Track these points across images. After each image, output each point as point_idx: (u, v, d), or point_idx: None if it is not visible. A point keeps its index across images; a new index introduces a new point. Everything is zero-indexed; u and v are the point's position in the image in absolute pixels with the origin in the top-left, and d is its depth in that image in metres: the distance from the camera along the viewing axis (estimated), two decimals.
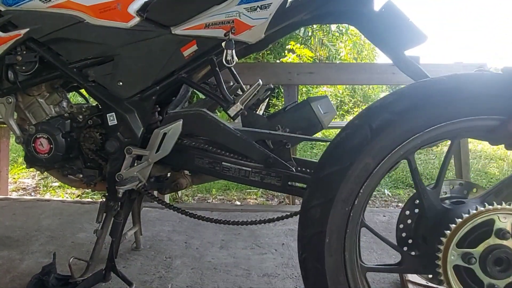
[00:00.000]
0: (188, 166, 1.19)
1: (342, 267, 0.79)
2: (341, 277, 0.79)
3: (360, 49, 6.79)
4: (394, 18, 1.08)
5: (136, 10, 1.13)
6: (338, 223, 0.78)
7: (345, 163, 0.78)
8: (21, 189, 2.85)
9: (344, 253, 0.79)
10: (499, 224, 0.72)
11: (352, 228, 0.78)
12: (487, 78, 0.77)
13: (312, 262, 0.81)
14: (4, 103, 1.20)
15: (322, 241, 0.78)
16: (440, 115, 0.76)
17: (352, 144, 0.79)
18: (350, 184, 0.77)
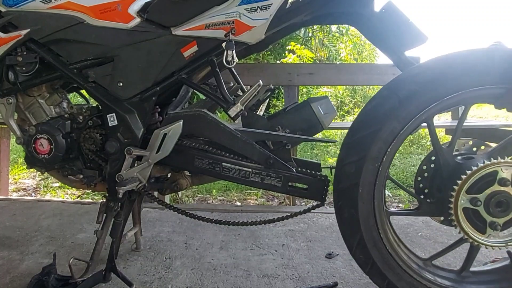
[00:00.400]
0: (188, 166, 1.19)
1: (372, 212, 0.96)
2: (371, 220, 0.96)
3: (361, 49, 6.79)
4: (395, 19, 1.08)
5: (137, 11, 1.13)
6: (369, 177, 0.94)
7: (376, 127, 0.93)
8: (22, 189, 2.85)
9: (374, 201, 0.96)
10: (502, 174, 0.90)
11: (380, 180, 0.95)
12: (499, 53, 0.90)
13: (347, 209, 0.99)
14: (4, 103, 1.20)
15: (356, 191, 0.95)
16: (457, 85, 0.90)
17: (382, 111, 0.93)
18: (379, 144, 0.92)
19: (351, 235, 1.01)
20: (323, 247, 1.64)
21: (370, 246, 0.99)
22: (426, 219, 1.83)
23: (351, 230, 1.01)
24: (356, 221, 0.98)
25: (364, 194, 0.96)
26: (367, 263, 1.01)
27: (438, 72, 0.91)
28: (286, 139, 1.14)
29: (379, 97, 0.95)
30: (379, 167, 0.94)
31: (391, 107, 0.92)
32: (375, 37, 1.14)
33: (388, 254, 0.99)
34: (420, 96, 0.91)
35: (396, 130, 0.92)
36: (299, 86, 3.33)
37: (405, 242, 1.09)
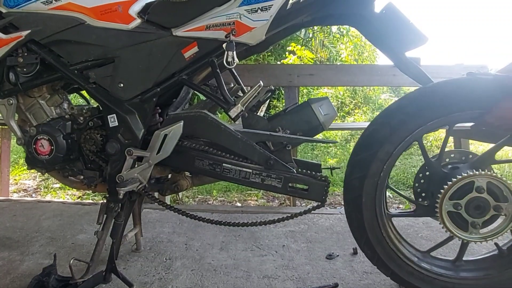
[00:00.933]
0: (188, 167, 1.19)
1: (375, 217, 1.14)
2: (374, 223, 1.14)
3: (361, 50, 6.79)
4: (395, 20, 1.08)
5: (137, 12, 1.13)
6: (370, 189, 1.12)
7: (374, 149, 1.10)
8: (22, 190, 2.85)
9: (375, 208, 1.13)
10: (477, 184, 1.06)
11: (380, 191, 1.12)
12: (472, 82, 1.06)
13: (355, 214, 1.16)
14: (5, 104, 1.20)
15: (360, 200, 1.13)
16: (438, 112, 1.07)
17: (377, 136, 1.11)
18: (377, 163, 1.10)
19: (359, 235, 1.18)
20: (324, 248, 1.64)
21: (375, 243, 1.15)
22: (427, 220, 1.83)
23: (359, 231, 1.17)
24: (362, 224, 1.15)
25: (367, 203, 1.13)
26: (373, 257, 1.18)
27: (422, 102, 1.07)
28: (287, 140, 1.14)
29: (375, 124, 1.12)
30: (377, 181, 1.11)
31: (385, 133, 1.10)
32: (375, 38, 1.14)
33: (390, 249, 1.15)
34: (407, 123, 1.08)
35: (390, 151, 1.10)
36: (300, 87, 3.33)
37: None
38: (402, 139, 1.09)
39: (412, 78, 1.14)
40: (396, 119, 1.09)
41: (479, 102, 1.04)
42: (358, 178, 1.12)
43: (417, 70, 1.13)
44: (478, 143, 3.63)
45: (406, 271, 1.15)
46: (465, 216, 1.07)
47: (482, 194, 1.05)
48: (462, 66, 2.50)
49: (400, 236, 1.20)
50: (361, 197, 1.12)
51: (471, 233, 1.08)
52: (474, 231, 1.08)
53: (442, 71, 2.42)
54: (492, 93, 1.02)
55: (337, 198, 2.71)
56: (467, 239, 1.10)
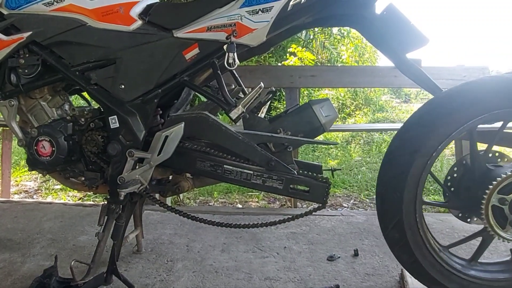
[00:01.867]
0: (189, 169, 1.19)
1: (414, 198, 1.10)
2: (411, 206, 1.10)
3: (362, 52, 6.79)
4: (396, 21, 1.08)
5: (138, 13, 1.13)
6: (418, 168, 1.08)
7: (431, 128, 1.07)
8: (23, 191, 2.85)
9: (417, 190, 1.09)
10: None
11: (426, 172, 1.09)
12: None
13: (392, 193, 1.11)
14: (6, 105, 1.20)
15: (404, 179, 1.08)
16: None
17: (435, 116, 1.07)
18: (432, 141, 1.06)
19: (390, 217, 1.13)
20: (325, 249, 1.63)
21: (407, 227, 1.11)
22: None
23: (392, 211, 1.12)
24: (398, 204, 1.10)
25: (410, 183, 1.09)
26: (399, 241, 1.13)
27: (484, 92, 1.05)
28: (288, 141, 1.13)
29: (433, 103, 1.10)
30: (427, 161, 1.07)
31: (443, 113, 1.06)
32: (376, 39, 1.14)
33: (419, 236, 1.12)
34: (466, 109, 1.05)
35: (447, 133, 1.06)
36: (301, 89, 3.33)
37: None
38: (461, 124, 1.05)
39: (412, 79, 1.13)
40: (457, 102, 1.05)
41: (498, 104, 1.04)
42: (408, 153, 1.08)
43: (418, 71, 1.13)
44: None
45: (428, 261, 1.12)
46: (507, 213, 1.06)
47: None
48: (463, 67, 2.50)
49: (427, 227, 1.17)
50: (406, 176, 1.08)
51: (507, 232, 1.08)
52: (510, 230, 1.08)
53: (443, 73, 2.41)
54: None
55: (338, 200, 2.71)
56: (503, 236, 1.08)
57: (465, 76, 2.41)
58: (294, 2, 1.04)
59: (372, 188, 2.95)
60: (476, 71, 2.45)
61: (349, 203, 2.64)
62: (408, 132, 1.10)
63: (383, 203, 1.15)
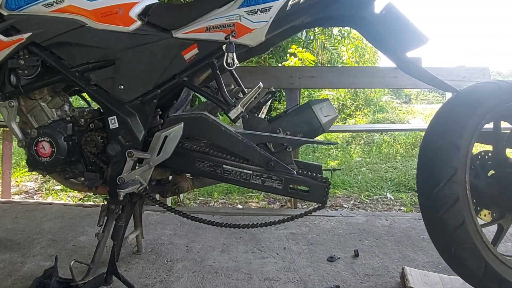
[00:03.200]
0: (189, 169, 1.19)
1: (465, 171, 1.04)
2: (463, 175, 1.03)
3: (362, 52, 6.80)
4: (395, 20, 1.08)
5: (138, 14, 1.14)
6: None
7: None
8: (24, 192, 2.85)
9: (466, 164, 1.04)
10: None
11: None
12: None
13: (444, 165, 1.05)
14: (6, 106, 1.20)
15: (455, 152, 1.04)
16: None
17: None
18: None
19: (444, 168, 1.04)
20: (325, 250, 1.63)
21: (459, 182, 1.02)
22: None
23: (445, 164, 1.04)
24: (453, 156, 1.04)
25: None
26: (448, 200, 1.03)
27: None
28: (287, 142, 1.13)
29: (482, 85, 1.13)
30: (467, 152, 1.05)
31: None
32: (376, 39, 1.14)
33: (467, 197, 1.04)
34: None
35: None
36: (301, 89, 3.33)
37: (407, 246, 1.14)
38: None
39: (415, 77, 1.13)
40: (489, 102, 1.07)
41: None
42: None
43: (419, 69, 1.13)
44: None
45: (473, 229, 1.03)
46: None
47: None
48: (463, 68, 2.50)
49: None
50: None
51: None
52: None
53: (443, 73, 2.41)
54: None
55: (338, 200, 2.71)
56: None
57: (465, 77, 2.41)
58: (293, 2, 1.04)
59: (372, 188, 2.95)
60: (476, 71, 2.45)
61: (349, 203, 2.64)
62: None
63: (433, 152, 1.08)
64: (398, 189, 2.98)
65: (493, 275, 1.03)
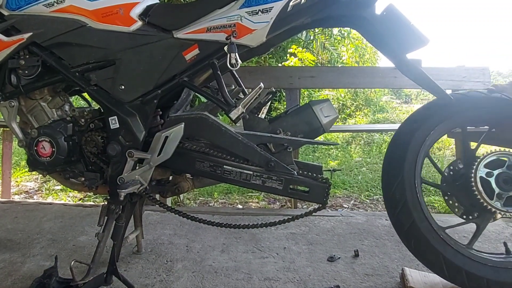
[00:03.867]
0: (189, 169, 1.19)
1: (414, 162, 1.18)
2: (412, 181, 1.17)
3: (362, 52, 6.79)
4: (396, 21, 1.08)
5: (138, 14, 1.14)
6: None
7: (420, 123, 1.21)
8: (24, 192, 2.85)
9: (415, 171, 1.18)
10: (510, 162, 1.17)
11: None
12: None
13: (394, 172, 1.20)
14: (6, 106, 1.21)
15: (403, 161, 1.18)
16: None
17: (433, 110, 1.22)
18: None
19: (393, 176, 1.20)
20: (325, 250, 1.63)
21: (407, 187, 1.17)
22: None
23: (394, 171, 1.20)
24: (401, 164, 1.19)
25: (408, 165, 1.19)
26: (399, 202, 1.18)
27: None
28: (288, 142, 1.14)
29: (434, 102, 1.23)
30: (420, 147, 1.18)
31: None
32: (376, 39, 1.14)
33: (417, 199, 1.17)
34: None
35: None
36: (301, 89, 3.33)
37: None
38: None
39: (413, 80, 1.13)
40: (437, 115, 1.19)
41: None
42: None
43: (418, 72, 1.13)
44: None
45: (425, 226, 1.16)
46: (494, 186, 1.15)
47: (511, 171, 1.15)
48: (463, 68, 2.50)
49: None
50: (403, 158, 1.18)
51: (495, 202, 1.15)
52: (498, 201, 1.15)
53: (443, 73, 2.41)
54: None
55: (338, 200, 2.71)
56: (491, 206, 1.14)
57: (465, 77, 2.41)
58: (294, 2, 1.04)
59: (373, 188, 2.95)
60: (476, 72, 2.44)
61: (349, 203, 2.64)
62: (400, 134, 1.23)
63: (390, 161, 1.23)
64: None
65: (454, 268, 1.14)
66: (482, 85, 2.42)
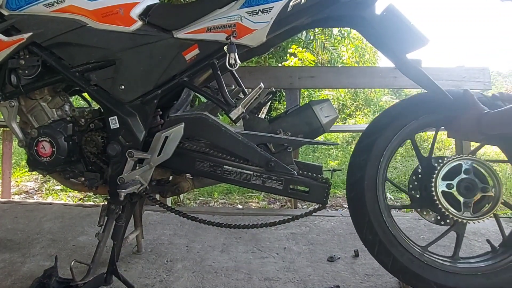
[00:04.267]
0: (189, 169, 1.19)
1: (376, 199, 1.17)
2: (376, 206, 1.17)
3: (362, 52, 6.79)
4: (396, 21, 1.08)
5: (138, 14, 1.14)
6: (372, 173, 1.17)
7: (375, 136, 1.19)
8: (24, 192, 2.85)
9: (377, 191, 1.17)
10: (465, 166, 1.14)
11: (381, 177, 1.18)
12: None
13: (357, 195, 1.18)
14: (6, 106, 1.21)
15: (363, 182, 1.17)
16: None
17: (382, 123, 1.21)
18: (376, 151, 1.17)
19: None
20: (325, 250, 1.63)
21: (376, 226, 1.16)
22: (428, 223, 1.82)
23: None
24: (364, 207, 1.17)
25: (369, 185, 1.17)
26: (374, 243, 1.17)
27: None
28: (288, 142, 1.14)
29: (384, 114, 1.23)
30: (378, 166, 1.17)
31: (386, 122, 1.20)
32: (376, 40, 1.14)
33: (391, 234, 1.16)
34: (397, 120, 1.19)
35: (387, 141, 1.17)
36: (301, 89, 3.33)
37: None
38: (396, 132, 1.18)
39: (413, 80, 1.13)
40: (387, 117, 1.20)
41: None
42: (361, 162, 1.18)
43: (418, 72, 1.13)
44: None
45: (407, 258, 1.15)
46: (457, 196, 1.13)
47: (470, 175, 1.13)
48: (463, 68, 2.50)
49: (399, 228, 1.22)
50: (363, 179, 1.17)
51: (463, 213, 1.13)
52: (467, 210, 1.13)
53: (443, 74, 2.41)
54: None
55: (338, 200, 2.71)
56: (462, 218, 1.13)
57: (465, 77, 2.41)
58: (294, 2, 1.04)
59: None
60: (476, 72, 2.44)
61: None
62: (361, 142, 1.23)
63: (353, 206, 1.22)
64: (397, 189, 2.98)
65: (401, 269, 1.16)
66: (482, 85, 2.42)
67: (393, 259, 1.16)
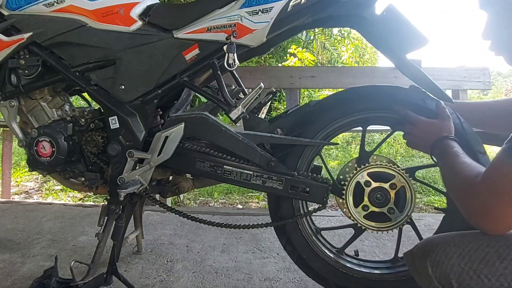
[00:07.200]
0: (189, 169, 1.19)
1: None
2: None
3: (362, 52, 6.80)
4: (396, 21, 1.08)
5: (139, 14, 1.14)
6: None
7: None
8: (24, 192, 2.85)
9: None
10: (362, 180, 1.12)
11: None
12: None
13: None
14: (6, 106, 1.20)
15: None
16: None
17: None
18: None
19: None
20: None
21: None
22: (429, 222, 1.81)
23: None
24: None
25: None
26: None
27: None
28: (288, 142, 1.13)
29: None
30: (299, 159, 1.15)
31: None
32: (376, 39, 1.14)
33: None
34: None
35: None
36: (301, 89, 3.33)
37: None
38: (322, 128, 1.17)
39: (413, 80, 1.13)
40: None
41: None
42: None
43: (418, 72, 1.13)
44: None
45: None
46: (380, 211, 1.12)
47: (372, 185, 1.11)
48: (464, 68, 2.50)
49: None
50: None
51: (397, 218, 1.13)
52: (397, 215, 1.12)
53: (443, 74, 2.41)
54: None
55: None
56: (397, 225, 1.13)
57: (465, 77, 2.41)
58: (294, 2, 1.04)
59: None
60: (476, 72, 2.45)
61: None
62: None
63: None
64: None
65: (307, 269, 1.21)
66: (482, 85, 2.43)
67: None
